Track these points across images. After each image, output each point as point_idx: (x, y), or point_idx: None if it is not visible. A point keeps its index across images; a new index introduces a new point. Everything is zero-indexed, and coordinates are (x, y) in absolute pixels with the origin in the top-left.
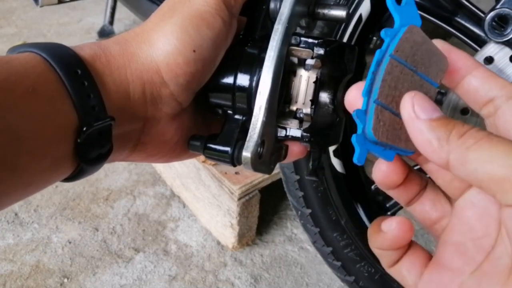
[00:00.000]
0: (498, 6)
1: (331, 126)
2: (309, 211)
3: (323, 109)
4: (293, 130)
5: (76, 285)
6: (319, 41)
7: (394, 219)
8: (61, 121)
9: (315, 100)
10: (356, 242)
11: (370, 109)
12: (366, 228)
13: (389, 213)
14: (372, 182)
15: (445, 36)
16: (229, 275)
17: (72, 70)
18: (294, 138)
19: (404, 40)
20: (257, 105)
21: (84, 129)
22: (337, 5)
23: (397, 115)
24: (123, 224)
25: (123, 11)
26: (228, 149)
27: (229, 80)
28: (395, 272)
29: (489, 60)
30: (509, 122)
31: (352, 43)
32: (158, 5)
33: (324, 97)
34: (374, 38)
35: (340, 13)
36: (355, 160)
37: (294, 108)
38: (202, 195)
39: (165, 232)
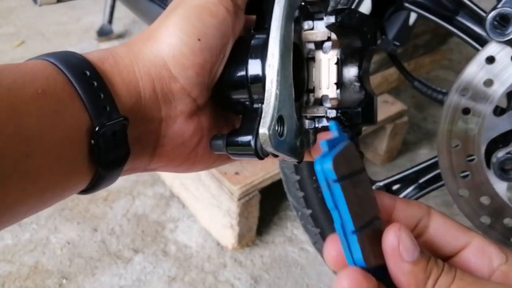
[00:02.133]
0: (499, 6)
1: (361, 103)
2: (309, 211)
3: (350, 88)
4: (322, 120)
5: (75, 286)
6: (331, 10)
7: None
8: (72, 122)
9: (339, 82)
10: None
11: (351, 242)
12: None
13: None
14: (373, 183)
15: (446, 36)
16: (229, 276)
17: (80, 71)
18: (324, 128)
19: (338, 159)
20: (268, 78)
21: (97, 129)
22: None
23: (370, 225)
24: (122, 224)
25: (122, 10)
26: (249, 138)
27: (241, 70)
28: None
29: (490, 59)
30: (439, 233)
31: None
32: (157, 4)
33: (349, 75)
34: None
35: None
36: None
37: (319, 95)
38: (202, 196)
39: (164, 233)
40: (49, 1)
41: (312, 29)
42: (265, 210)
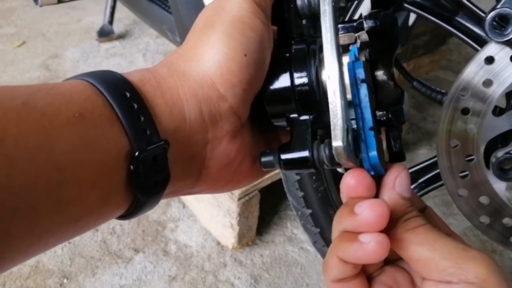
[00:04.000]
0: (498, 6)
1: (397, 101)
2: (309, 211)
3: (384, 88)
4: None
5: (75, 286)
6: (368, 14)
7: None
8: (110, 147)
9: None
10: None
11: (368, 136)
12: None
13: None
14: None
15: (446, 36)
16: (229, 275)
17: (120, 93)
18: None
19: (365, 68)
20: (331, 90)
21: (137, 154)
22: None
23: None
24: (122, 224)
25: (123, 11)
26: (306, 153)
27: (285, 82)
28: None
29: (489, 60)
30: None
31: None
32: (158, 5)
33: (381, 75)
34: None
35: None
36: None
37: (351, 98)
38: (202, 196)
39: (165, 233)
40: (50, 2)
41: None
42: (265, 209)
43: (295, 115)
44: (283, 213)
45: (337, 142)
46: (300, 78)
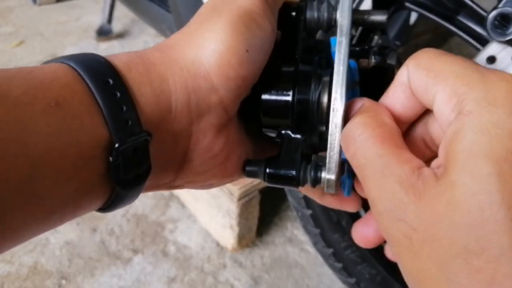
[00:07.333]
0: (500, 5)
1: None
2: (310, 212)
3: None
4: None
5: (74, 287)
6: (374, 49)
7: None
8: (89, 139)
9: None
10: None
11: None
12: None
13: None
14: None
15: (447, 35)
16: (229, 276)
17: (102, 79)
18: None
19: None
20: (332, 123)
21: (117, 145)
22: (376, 11)
23: None
24: (121, 225)
25: (121, 10)
26: (293, 173)
27: (285, 98)
28: None
29: (491, 59)
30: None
31: (354, 42)
32: (157, 3)
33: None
34: (376, 37)
35: (380, 18)
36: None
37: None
38: (202, 196)
39: (164, 233)
40: (48, 1)
41: None
42: (265, 210)
43: (287, 132)
44: (284, 214)
45: (331, 175)
46: (301, 99)
